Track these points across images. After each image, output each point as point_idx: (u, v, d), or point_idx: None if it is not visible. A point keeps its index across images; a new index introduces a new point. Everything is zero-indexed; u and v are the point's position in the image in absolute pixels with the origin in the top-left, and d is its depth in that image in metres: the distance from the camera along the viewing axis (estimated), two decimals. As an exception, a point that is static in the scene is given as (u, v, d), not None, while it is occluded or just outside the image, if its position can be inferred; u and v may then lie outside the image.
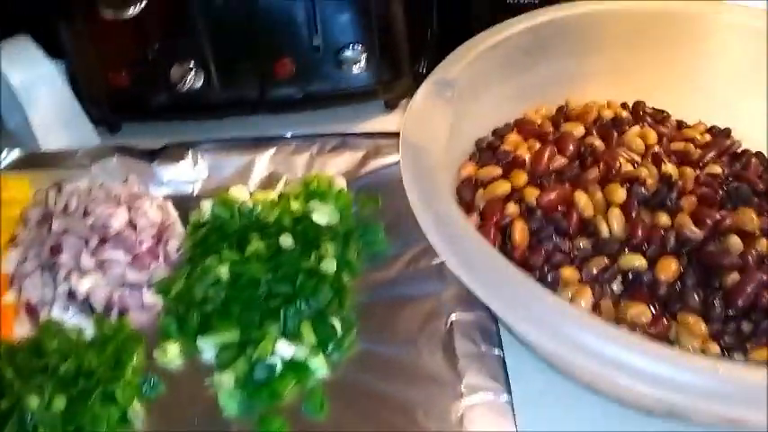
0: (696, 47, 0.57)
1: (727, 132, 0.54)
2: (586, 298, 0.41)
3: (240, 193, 0.55)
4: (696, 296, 0.40)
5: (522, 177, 0.47)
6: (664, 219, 0.44)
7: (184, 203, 0.56)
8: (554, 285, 0.42)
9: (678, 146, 0.51)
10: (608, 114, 0.54)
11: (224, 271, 0.48)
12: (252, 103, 0.60)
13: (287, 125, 0.61)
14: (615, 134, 0.51)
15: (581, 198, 0.45)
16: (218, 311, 0.47)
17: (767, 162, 0.52)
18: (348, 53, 0.57)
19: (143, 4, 0.50)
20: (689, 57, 0.57)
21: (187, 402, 0.43)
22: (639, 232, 0.43)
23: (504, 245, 0.44)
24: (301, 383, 0.44)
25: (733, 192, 0.46)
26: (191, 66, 0.56)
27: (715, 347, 0.39)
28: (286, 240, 0.50)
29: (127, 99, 0.59)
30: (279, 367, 0.44)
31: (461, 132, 0.51)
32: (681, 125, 0.55)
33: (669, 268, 0.41)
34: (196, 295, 0.47)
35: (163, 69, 0.57)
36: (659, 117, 0.55)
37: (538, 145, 0.50)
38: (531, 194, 0.46)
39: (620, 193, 0.45)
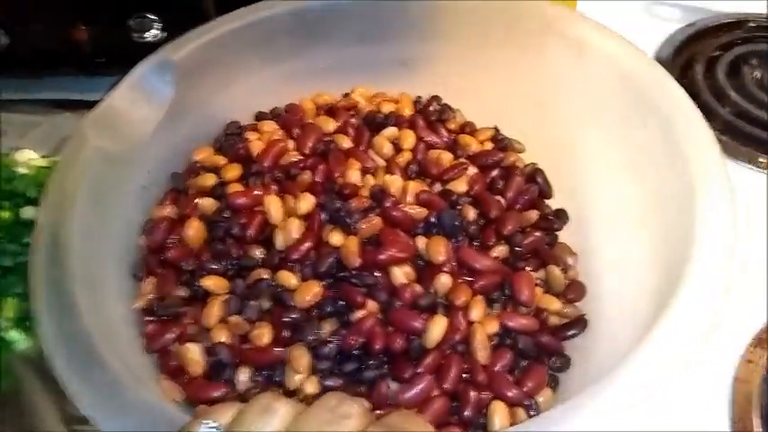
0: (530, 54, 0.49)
1: (505, 144, 0.48)
2: (214, 312, 0.39)
3: (22, 157, 0.56)
4: (314, 330, 0.38)
5: (234, 172, 0.45)
6: (335, 239, 0.41)
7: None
8: (204, 297, 0.40)
9: (433, 154, 0.47)
10: (386, 108, 0.50)
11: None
12: (60, 64, 0.60)
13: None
14: (368, 134, 0.47)
15: (271, 203, 0.43)
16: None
17: (545, 184, 0.47)
18: (138, 21, 0.55)
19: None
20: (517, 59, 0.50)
21: None
22: (302, 248, 0.40)
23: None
24: (-3, 354, 0.47)
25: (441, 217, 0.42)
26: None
27: (314, 385, 0.36)
28: (26, 212, 0.51)
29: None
30: (-25, 336, 0.47)
31: (208, 113, 0.49)
32: (465, 128, 0.50)
33: (308, 292, 0.39)
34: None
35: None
36: (444, 116, 0.50)
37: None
38: (232, 190, 0.44)
39: (306, 204, 0.42)
